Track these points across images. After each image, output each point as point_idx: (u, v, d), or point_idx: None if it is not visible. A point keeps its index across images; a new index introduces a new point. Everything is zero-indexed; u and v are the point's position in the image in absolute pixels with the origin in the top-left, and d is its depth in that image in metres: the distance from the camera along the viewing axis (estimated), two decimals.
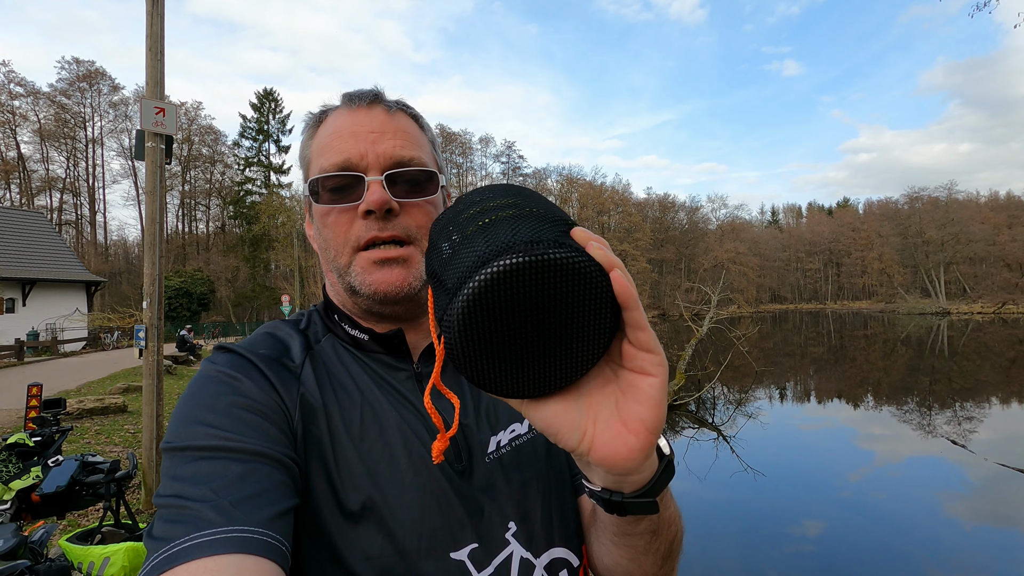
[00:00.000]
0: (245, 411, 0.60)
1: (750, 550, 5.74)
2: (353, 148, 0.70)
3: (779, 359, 23.56)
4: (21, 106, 46.68)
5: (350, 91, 0.77)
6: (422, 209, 0.73)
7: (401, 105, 0.77)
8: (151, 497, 5.23)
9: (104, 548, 2.52)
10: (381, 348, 0.74)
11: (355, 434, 0.66)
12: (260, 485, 0.55)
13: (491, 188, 0.50)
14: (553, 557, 0.68)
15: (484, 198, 0.48)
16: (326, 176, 0.71)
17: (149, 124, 5.29)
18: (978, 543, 5.88)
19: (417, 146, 0.74)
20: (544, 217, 0.43)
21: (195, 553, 0.48)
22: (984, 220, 77.43)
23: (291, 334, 0.74)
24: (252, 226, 48.93)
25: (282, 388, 0.65)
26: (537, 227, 0.41)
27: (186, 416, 0.60)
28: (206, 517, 0.50)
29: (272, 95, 55.76)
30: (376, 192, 0.69)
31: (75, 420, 8.31)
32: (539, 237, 0.39)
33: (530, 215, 0.43)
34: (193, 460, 0.55)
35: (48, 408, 3.30)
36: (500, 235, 0.40)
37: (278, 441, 0.60)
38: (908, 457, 8.93)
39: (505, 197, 0.47)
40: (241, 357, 0.66)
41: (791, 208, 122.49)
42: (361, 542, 0.60)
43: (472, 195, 0.50)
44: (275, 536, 0.52)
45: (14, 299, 23.35)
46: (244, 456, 0.56)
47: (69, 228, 51.37)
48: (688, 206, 78.29)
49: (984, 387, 15.38)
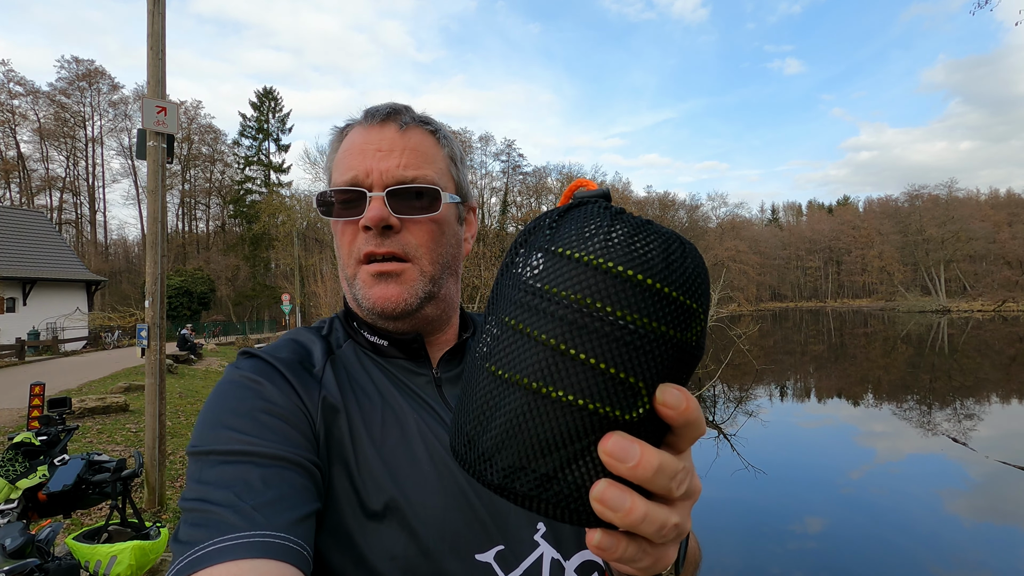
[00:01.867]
0: (268, 416, 0.61)
1: (752, 547, 5.76)
2: (360, 165, 0.72)
3: (779, 357, 23.58)
4: (21, 105, 46.72)
5: (370, 107, 0.78)
6: (423, 227, 0.73)
7: (420, 120, 0.77)
8: (154, 496, 5.24)
9: (111, 547, 2.53)
10: (400, 353, 0.76)
11: (376, 436, 0.66)
12: (282, 489, 0.55)
13: (587, 242, 0.33)
14: (584, 559, 0.68)
15: (559, 275, 0.32)
16: (333, 190, 0.73)
17: (151, 123, 5.30)
18: (979, 540, 5.89)
19: (427, 163, 0.74)
20: (604, 375, 0.31)
21: (217, 558, 0.48)
22: (984, 218, 77.43)
23: (313, 340, 0.75)
24: (252, 225, 48.95)
25: (304, 392, 0.66)
26: (562, 419, 0.31)
27: (211, 420, 0.61)
28: (229, 521, 0.51)
29: (272, 94, 55.73)
30: (375, 208, 0.70)
31: (77, 419, 8.32)
32: (537, 460, 0.31)
33: (578, 363, 0.31)
34: (217, 464, 0.56)
35: (54, 407, 3.31)
36: (504, 414, 0.32)
37: (301, 445, 0.61)
38: (909, 455, 8.94)
39: (583, 281, 0.32)
40: (264, 362, 0.68)
41: (791, 206, 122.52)
42: (384, 542, 0.61)
43: (551, 264, 0.33)
44: (297, 541, 0.52)
45: (15, 298, 23.37)
46: (267, 460, 0.57)
47: (69, 227, 51.38)
48: (688, 204, 78.33)
49: (984, 385, 15.39)
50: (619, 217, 0.34)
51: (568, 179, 54.27)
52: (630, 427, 0.31)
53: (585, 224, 0.34)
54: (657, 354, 0.31)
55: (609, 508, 0.31)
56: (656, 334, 0.31)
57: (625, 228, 0.33)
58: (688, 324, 0.33)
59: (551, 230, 0.35)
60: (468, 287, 21.80)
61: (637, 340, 0.31)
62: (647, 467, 0.31)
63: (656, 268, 0.32)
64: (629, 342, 0.30)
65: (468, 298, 25.61)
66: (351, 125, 0.79)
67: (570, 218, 0.35)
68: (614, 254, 0.32)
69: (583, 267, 0.32)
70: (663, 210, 73.82)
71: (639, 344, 0.31)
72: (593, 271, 0.31)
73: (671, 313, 0.32)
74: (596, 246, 0.32)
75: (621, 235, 0.33)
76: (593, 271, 0.31)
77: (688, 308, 0.33)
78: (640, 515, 0.31)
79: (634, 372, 0.31)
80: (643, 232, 0.33)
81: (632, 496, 0.31)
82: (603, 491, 0.31)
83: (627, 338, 0.30)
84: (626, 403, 0.31)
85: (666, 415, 0.32)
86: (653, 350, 0.31)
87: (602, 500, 0.31)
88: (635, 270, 0.31)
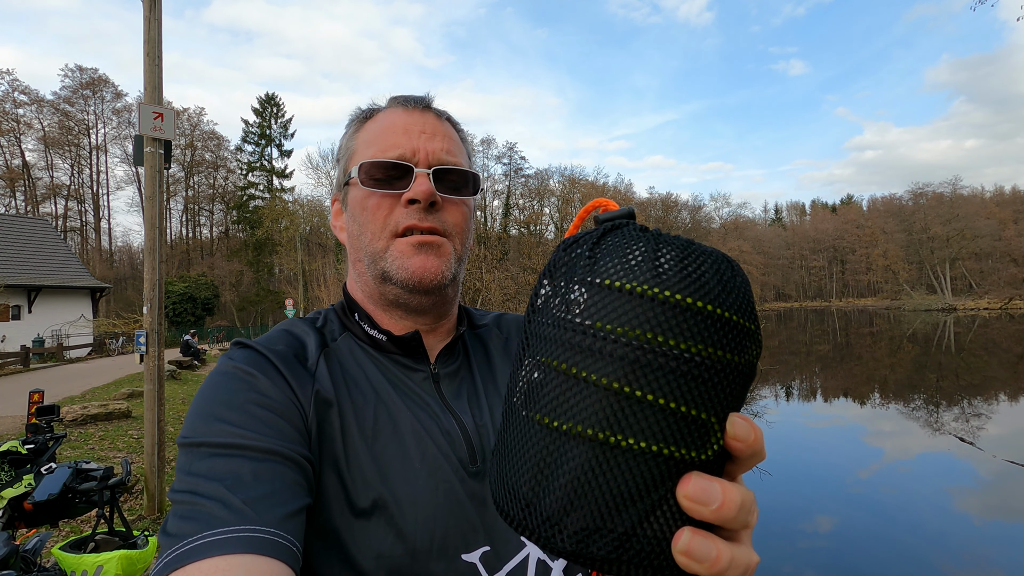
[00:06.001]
0: (261, 408, 0.60)
1: (763, 546, 5.69)
2: (406, 143, 0.74)
3: (785, 357, 23.44)
4: (25, 114, 47.07)
5: (402, 95, 0.81)
6: (460, 208, 0.77)
7: (447, 115, 0.82)
8: (153, 503, 5.21)
9: (97, 556, 2.49)
10: (398, 349, 0.75)
11: (368, 432, 0.66)
12: (274, 484, 0.55)
13: (634, 267, 0.30)
14: None
15: (610, 310, 0.29)
16: (376, 162, 0.74)
17: (148, 129, 5.29)
18: (989, 538, 5.83)
19: (460, 153, 0.79)
20: (664, 412, 0.28)
21: (206, 552, 0.48)
22: (990, 215, 76.97)
23: (307, 332, 0.75)
24: (255, 230, 49.11)
25: (297, 385, 0.65)
26: (626, 466, 0.28)
27: (203, 412, 0.60)
28: (218, 515, 0.50)
29: (274, 100, 55.95)
30: (424, 183, 0.72)
31: (79, 426, 8.32)
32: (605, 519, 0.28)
33: (645, 405, 0.28)
34: (208, 456, 0.56)
35: (41, 415, 3.26)
36: (567, 471, 0.29)
37: (293, 439, 0.60)
38: (918, 454, 8.86)
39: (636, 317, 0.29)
40: (258, 354, 0.67)
41: (795, 206, 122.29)
42: (371, 540, 0.60)
43: (599, 299, 0.30)
44: (286, 536, 0.52)
45: (20, 306, 23.47)
46: (258, 454, 0.56)
47: (74, 235, 51.69)
48: (691, 205, 78.23)
49: (991, 383, 15.25)
50: (662, 240, 0.31)
51: (570, 181, 54.21)
52: (704, 466, 0.29)
53: (627, 251, 0.31)
54: (725, 384, 0.29)
55: (696, 560, 0.29)
56: (722, 363, 0.29)
57: (672, 252, 0.30)
58: (748, 346, 0.31)
59: (589, 260, 0.32)
60: (470, 290, 21.77)
61: (704, 373, 0.28)
62: (731, 506, 0.29)
63: (714, 293, 0.29)
64: (697, 376, 0.28)
65: (470, 301, 25.61)
66: (377, 109, 0.81)
67: (606, 245, 0.32)
68: (668, 282, 0.29)
69: (636, 299, 0.29)
70: (666, 211, 73.72)
71: (707, 377, 0.28)
72: (649, 302, 0.28)
73: (734, 338, 0.30)
74: (647, 275, 0.29)
75: (670, 260, 0.30)
76: (649, 302, 0.28)
77: (747, 330, 0.31)
78: (727, 561, 0.30)
79: (705, 407, 0.28)
80: (692, 255, 0.31)
81: (716, 542, 0.30)
82: (688, 543, 0.29)
83: (694, 372, 0.28)
84: (700, 442, 0.29)
85: (736, 448, 0.30)
86: (721, 380, 0.29)
87: (688, 553, 0.29)
88: (693, 297, 0.29)
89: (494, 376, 0.80)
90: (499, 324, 0.90)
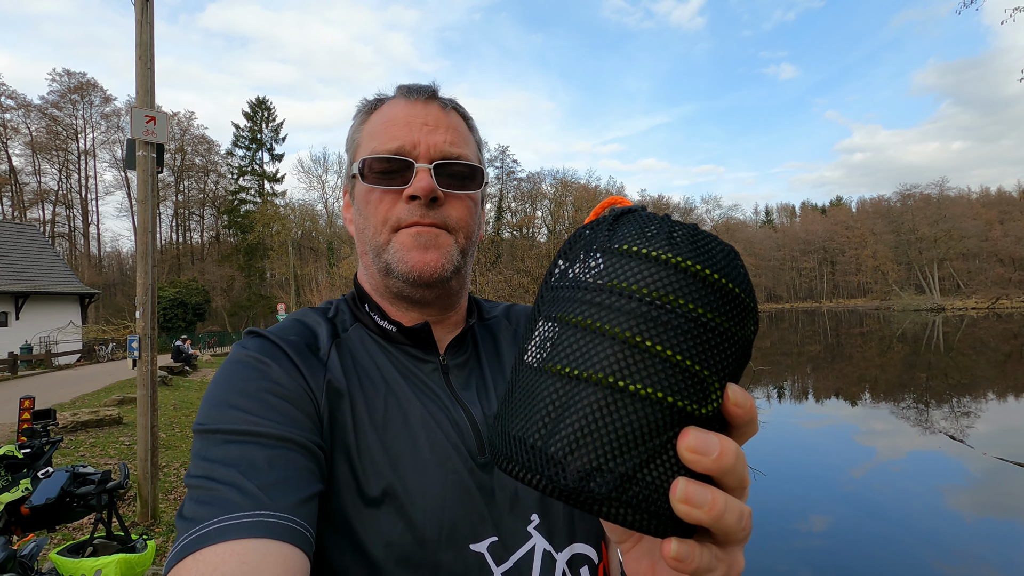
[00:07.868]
0: (274, 396, 0.61)
1: (757, 546, 5.71)
2: (407, 136, 0.73)
3: (776, 358, 23.56)
4: (12, 119, 46.53)
5: (408, 84, 0.79)
6: (464, 203, 0.75)
7: (454, 104, 0.80)
8: (147, 510, 5.16)
9: (96, 560, 2.47)
10: (408, 340, 0.76)
11: (378, 422, 0.66)
12: (287, 471, 0.55)
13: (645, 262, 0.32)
14: (575, 552, 0.68)
15: (628, 271, 0.32)
16: (377, 158, 0.73)
17: (140, 133, 5.27)
18: (980, 535, 5.89)
19: (466, 144, 0.77)
20: (676, 367, 0.30)
21: (222, 536, 0.49)
22: (976, 216, 77.89)
23: (319, 321, 0.75)
24: (247, 235, 48.82)
25: (309, 374, 0.66)
26: (635, 413, 0.30)
27: (218, 399, 0.60)
28: (233, 500, 0.51)
29: (265, 104, 55.68)
30: (424, 179, 0.71)
31: (70, 433, 8.23)
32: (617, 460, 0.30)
33: (655, 355, 0.30)
34: (223, 443, 0.57)
35: (38, 419, 3.24)
36: (577, 411, 0.31)
37: (305, 427, 0.61)
38: (909, 452, 8.93)
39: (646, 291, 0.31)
40: (271, 343, 0.67)
41: (785, 207, 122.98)
42: (381, 528, 0.61)
43: (618, 261, 0.33)
44: (300, 522, 0.53)
45: (7, 312, 23.17)
46: (272, 441, 0.57)
47: (62, 240, 51.12)
48: (683, 208, 78.61)
49: (980, 382, 15.40)
50: (675, 221, 0.34)
51: (563, 184, 54.30)
52: (702, 422, 0.31)
53: (645, 226, 0.34)
54: (726, 349, 0.32)
55: (694, 505, 0.30)
56: (722, 329, 0.31)
57: (685, 229, 0.34)
58: (747, 321, 0.33)
59: (608, 233, 0.34)
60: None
61: (709, 334, 0.31)
62: (729, 456, 0.31)
63: (720, 265, 0.32)
64: (702, 336, 0.30)
65: None
66: (384, 99, 0.80)
67: (624, 222, 0.35)
68: (682, 250, 0.32)
69: (652, 262, 0.31)
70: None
71: (711, 338, 0.31)
72: (663, 266, 0.31)
73: (736, 309, 0.32)
74: (662, 243, 0.32)
75: (683, 234, 0.33)
76: (663, 266, 0.31)
77: (748, 305, 0.33)
78: (722, 506, 0.31)
79: (708, 366, 0.31)
80: (701, 234, 0.34)
81: (712, 490, 0.31)
82: (686, 488, 0.30)
83: (700, 332, 0.30)
84: (701, 397, 0.31)
85: (734, 413, 0.33)
86: (723, 345, 0.31)
87: (686, 498, 0.30)
88: (703, 265, 0.31)
89: (503, 367, 0.80)
90: (509, 315, 0.90)
